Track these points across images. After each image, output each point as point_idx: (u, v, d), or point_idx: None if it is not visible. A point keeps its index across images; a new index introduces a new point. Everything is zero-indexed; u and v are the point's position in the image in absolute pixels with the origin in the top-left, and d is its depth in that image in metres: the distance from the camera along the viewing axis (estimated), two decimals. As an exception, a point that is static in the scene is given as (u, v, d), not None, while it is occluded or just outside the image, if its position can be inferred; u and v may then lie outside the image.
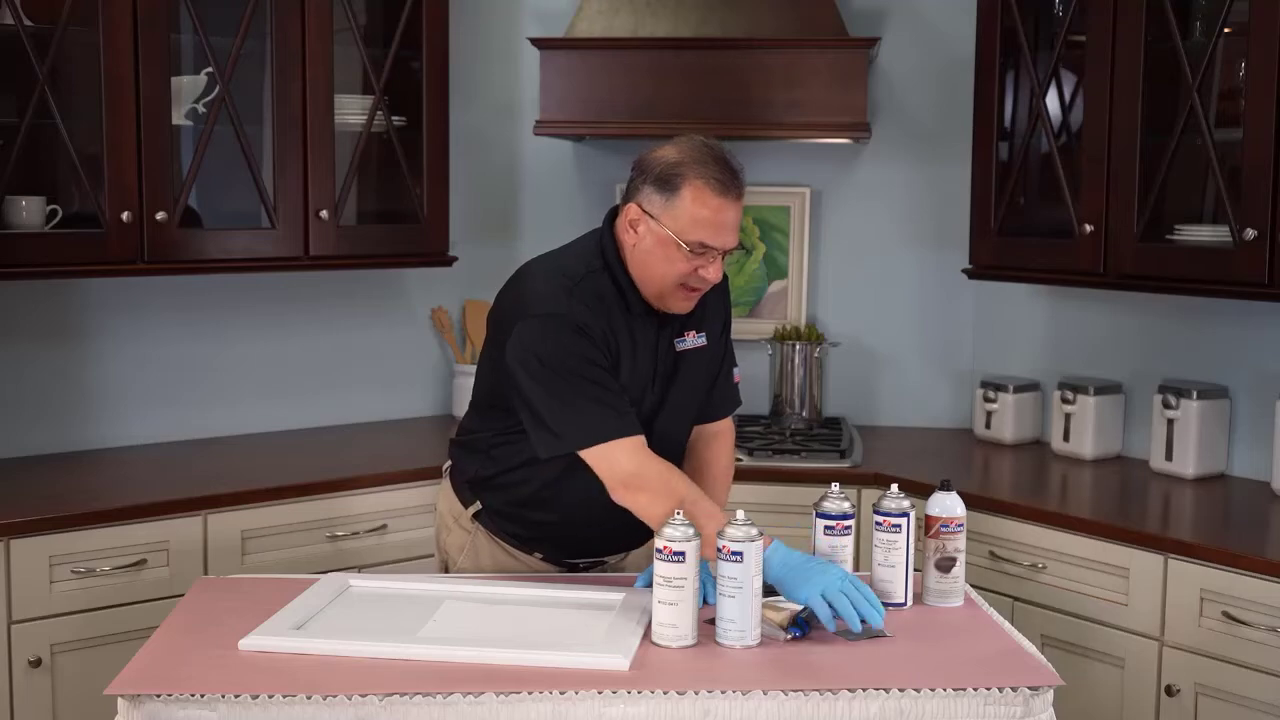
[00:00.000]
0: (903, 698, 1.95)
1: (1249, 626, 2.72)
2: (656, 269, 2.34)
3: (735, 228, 2.33)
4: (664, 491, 2.26)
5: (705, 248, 2.30)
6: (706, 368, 2.51)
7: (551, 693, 1.92)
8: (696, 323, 2.47)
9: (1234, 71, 3.11)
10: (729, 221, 2.30)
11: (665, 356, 2.43)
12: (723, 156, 2.32)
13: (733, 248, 2.33)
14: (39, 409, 3.45)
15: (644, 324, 2.40)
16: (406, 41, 3.61)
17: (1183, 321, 3.50)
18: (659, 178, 2.31)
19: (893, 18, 3.98)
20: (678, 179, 2.29)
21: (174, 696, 1.91)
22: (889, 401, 4.07)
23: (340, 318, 3.95)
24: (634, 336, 2.38)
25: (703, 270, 2.32)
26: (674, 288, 2.34)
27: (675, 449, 2.50)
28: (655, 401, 2.42)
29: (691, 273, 2.32)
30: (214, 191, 3.49)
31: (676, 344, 2.44)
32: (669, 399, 2.44)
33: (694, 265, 2.31)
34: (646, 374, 2.40)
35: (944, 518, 2.36)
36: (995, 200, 3.55)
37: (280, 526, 3.20)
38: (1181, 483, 3.35)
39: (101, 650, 2.91)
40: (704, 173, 2.28)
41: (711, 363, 2.52)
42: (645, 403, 2.40)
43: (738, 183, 2.31)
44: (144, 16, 3.16)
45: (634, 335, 2.38)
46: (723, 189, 2.29)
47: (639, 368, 2.39)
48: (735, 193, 2.30)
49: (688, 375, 2.46)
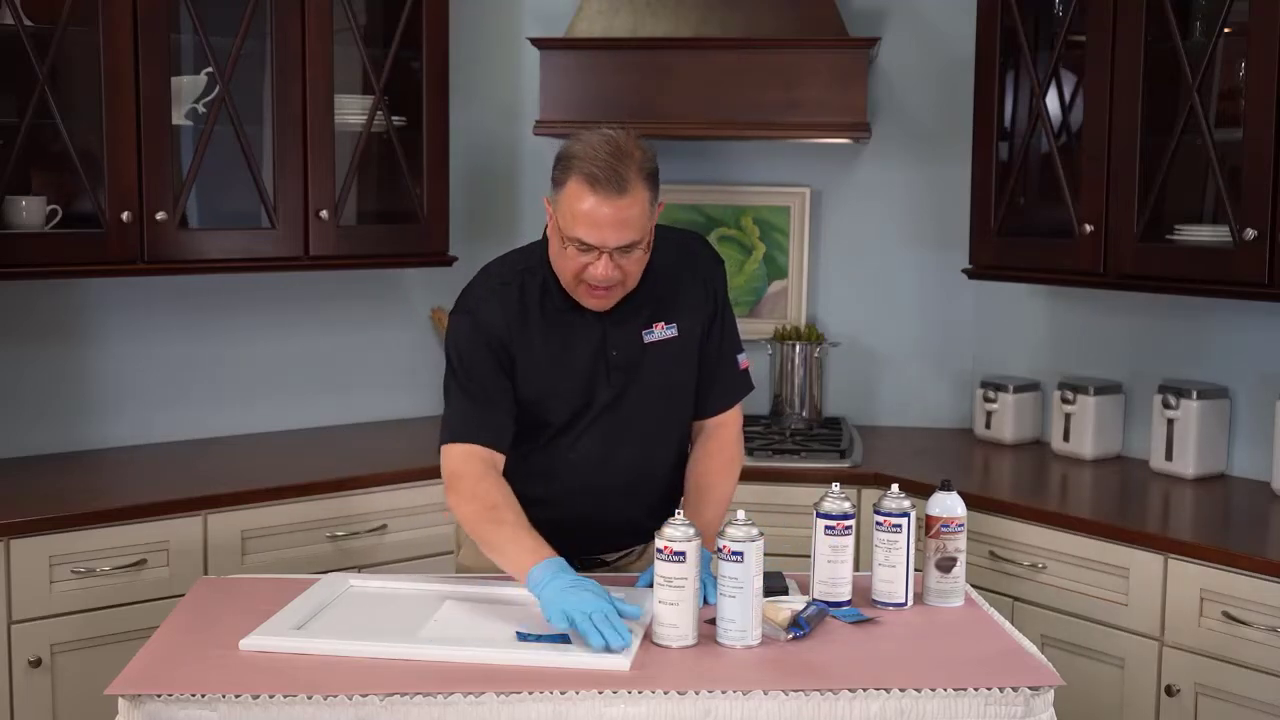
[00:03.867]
0: (903, 698, 1.95)
1: (1249, 626, 2.72)
2: (557, 262, 2.34)
3: (618, 226, 2.23)
4: (469, 495, 2.32)
5: (584, 245, 2.25)
6: (679, 359, 2.48)
7: (551, 693, 1.92)
8: (666, 313, 2.44)
9: (1234, 71, 3.11)
10: (605, 220, 2.22)
11: (626, 349, 2.41)
12: (614, 153, 2.22)
13: (616, 246, 2.25)
14: (39, 409, 3.45)
15: (583, 320, 2.39)
16: (406, 41, 3.61)
17: (1183, 321, 3.50)
18: (555, 170, 2.29)
19: (893, 18, 3.98)
20: (565, 173, 2.26)
21: (174, 696, 1.91)
22: (889, 401, 4.07)
23: (340, 318, 3.95)
24: (565, 335, 2.38)
25: (590, 268, 2.27)
26: (574, 283, 2.32)
27: (656, 439, 2.49)
28: (614, 394, 2.42)
29: (581, 269, 2.28)
30: (214, 191, 3.49)
31: (645, 335, 2.43)
32: (631, 391, 2.43)
33: (581, 262, 2.28)
34: (588, 369, 2.40)
35: (944, 518, 2.36)
36: (995, 200, 3.55)
37: (280, 526, 3.20)
38: (1181, 483, 3.35)
39: (101, 650, 2.91)
40: (584, 169, 2.22)
41: (685, 354, 2.48)
42: (599, 396, 2.41)
43: (618, 181, 2.21)
44: (144, 16, 3.16)
45: (566, 334, 2.38)
46: (595, 186, 2.21)
47: (575, 365, 2.39)
48: (612, 191, 2.20)
49: (657, 366, 2.45)
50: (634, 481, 2.49)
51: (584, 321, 2.40)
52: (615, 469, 2.46)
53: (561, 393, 2.41)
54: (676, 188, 4.00)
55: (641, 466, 2.50)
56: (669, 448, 2.53)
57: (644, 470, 2.50)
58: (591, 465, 2.46)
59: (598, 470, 2.46)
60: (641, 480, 2.51)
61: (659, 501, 2.52)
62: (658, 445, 2.51)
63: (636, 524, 2.51)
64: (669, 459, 2.54)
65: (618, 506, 2.50)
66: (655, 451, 2.51)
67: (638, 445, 2.47)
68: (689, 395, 2.53)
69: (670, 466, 2.54)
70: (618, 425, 2.44)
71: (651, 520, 2.50)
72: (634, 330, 2.43)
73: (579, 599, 2.11)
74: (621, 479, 2.47)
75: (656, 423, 2.49)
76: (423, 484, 3.34)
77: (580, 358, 2.40)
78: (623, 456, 2.46)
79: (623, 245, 2.26)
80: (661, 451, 2.52)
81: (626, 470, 2.47)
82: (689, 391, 2.52)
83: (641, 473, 2.50)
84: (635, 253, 2.29)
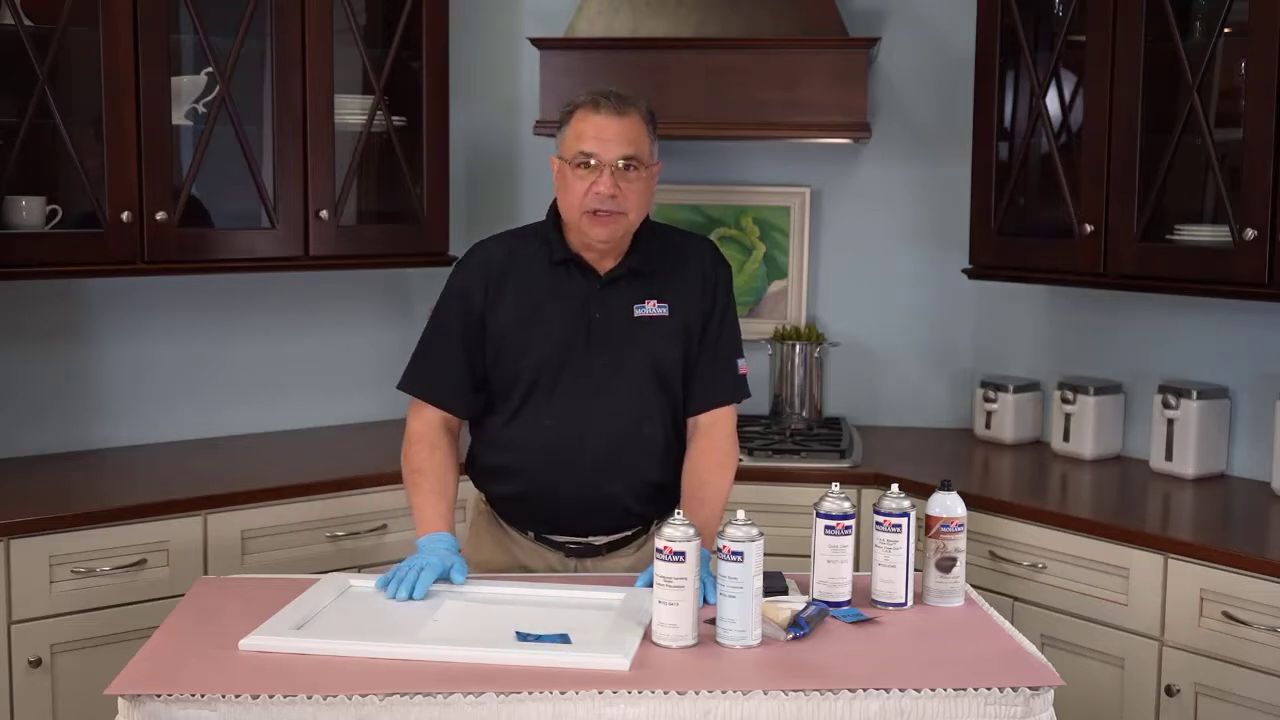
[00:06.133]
0: (903, 698, 1.95)
1: (1249, 626, 2.72)
2: (564, 200, 2.47)
3: (620, 139, 2.41)
4: (404, 456, 2.56)
5: (586, 157, 2.41)
6: (668, 340, 2.52)
7: (551, 693, 1.92)
8: (658, 292, 2.52)
9: (1234, 71, 3.11)
10: (610, 132, 2.41)
11: (612, 317, 2.50)
12: (616, 90, 2.45)
13: (618, 157, 2.40)
14: (39, 409, 3.45)
15: (571, 281, 2.51)
16: (406, 41, 3.61)
17: (1183, 321, 3.50)
18: (560, 116, 2.50)
19: (893, 18, 3.98)
20: (569, 110, 2.47)
21: (174, 696, 1.91)
22: (889, 401, 4.07)
23: (340, 318, 3.95)
24: (551, 290, 2.51)
25: (595, 186, 2.40)
26: (579, 215, 2.44)
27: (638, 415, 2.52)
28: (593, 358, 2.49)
29: (586, 192, 2.41)
30: (214, 191, 3.49)
31: (635, 309, 2.51)
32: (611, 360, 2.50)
33: (586, 183, 2.41)
34: (569, 327, 2.49)
35: (944, 518, 2.36)
36: (995, 200, 3.55)
37: (280, 526, 3.20)
38: (1181, 483, 3.35)
39: (101, 650, 2.92)
40: (584, 99, 2.45)
41: (674, 336, 2.53)
42: (575, 356, 2.49)
43: (621, 102, 2.43)
44: (144, 16, 3.16)
45: (551, 289, 2.51)
46: (599, 105, 2.42)
47: (555, 319, 2.50)
48: (613, 108, 2.42)
49: (644, 342, 2.51)
50: (615, 458, 2.51)
51: (573, 281, 2.50)
52: (593, 441, 2.50)
53: (537, 342, 2.50)
54: (676, 188, 4.00)
55: (620, 441, 2.51)
56: (654, 430, 2.54)
57: (623, 445, 2.52)
58: (569, 434, 2.49)
59: (576, 440, 2.50)
60: (620, 456, 2.52)
61: (649, 489, 2.55)
62: (641, 423, 2.53)
63: (620, 505, 2.54)
64: (655, 443, 2.55)
65: (598, 483, 2.52)
66: (639, 429, 2.52)
67: (617, 419, 2.50)
68: (676, 379, 2.55)
69: (657, 452, 2.55)
70: (595, 391, 2.49)
71: (641, 505, 2.54)
72: (624, 301, 2.50)
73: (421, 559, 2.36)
74: (601, 453, 2.50)
75: (639, 399, 2.52)
76: (423, 484, 3.34)
77: (562, 313, 2.50)
78: (601, 428, 2.50)
79: (624, 157, 2.41)
80: (646, 430, 2.54)
81: (606, 444, 2.50)
82: (676, 376, 2.55)
83: (620, 447, 2.52)
84: (635, 175, 2.43)
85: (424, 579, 2.31)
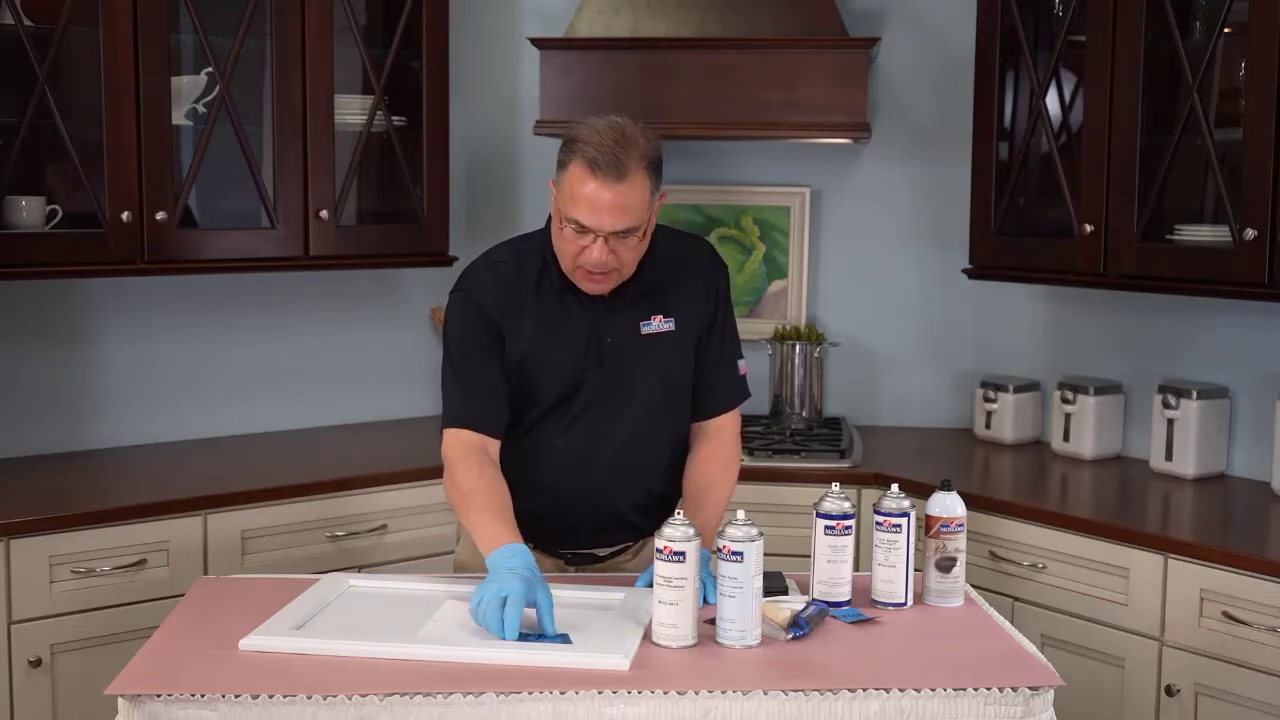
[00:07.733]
0: (903, 698, 1.95)
1: (1249, 626, 2.72)
2: (557, 244, 2.38)
3: (615, 211, 2.26)
4: (452, 481, 2.39)
5: (582, 227, 2.29)
6: (676, 353, 2.50)
7: (551, 693, 1.92)
8: (663, 307, 2.47)
9: (1234, 71, 3.11)
10: (604, 204, 2.26)
11: (622, 337, 2.44)
12: (618, 140, 2.26)
13: (612, 231, 2.28)
14: (39, 409, 3.45)
15: (579, 304, 2.42)
16: (406, 41, 3.61)
17: (1183, 321, 3.50)
18: (560, 152, 2.32)
19: (893, 18, 3.98)
20: (568, 155, 2.30)
21: (174, 696, 1.91)
22: (889, 401, 4.07)
23: (340, 318, 3.95)
24: (559, 315, 2.42)
25: (586, 251, 2.31)
26: (572, 266, 2.35)
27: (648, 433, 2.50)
28: (606, 380, 2.44)
29: (578, 252, 2.32)
30: (214, 191, 3.49)
31: (643, 327, 2.46)
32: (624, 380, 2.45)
33: (578, 244, 2.31)
34: (580, 351, 2.43)
35: (944, 518, 2.36)
36: (995, 200, 3.55)
37: (280, 526, 3.20)
38: (1181, 483, 3.35)
39: (101, 650, 2.92)
40: (587, 153, 2.26)
41: (682, 349, 2.50)
42: (589, 380, 2.43)
43: (619, 167, 2.24)
44: (144, 16, 3.16)
45: (560, 314, 2.42)
46: (596, 170, 2.25)
47: (567, 345, 2.42)
48: (612, 176, 2.24)
49: (653, 359, 2.47)
50: (623, 476, 2.50)
51: (580, 305, 2.43)
52: (603, 461, 2.47)
53: (550, 371, 2.43)
54: (676, 188, 4.00)
55: (631, 460, 2.50)
56: (661, 444, 2.53)
57: (634, 465, 2.51)
58: (579, 455, 2.47)
59: (586, 461, 2.47)
60: (631, 475, 2.51)
61: (652, 501, 2.53)
62: (649, 440, 2.51)
63: (624, 520, 2.53)
64: (662, 458, 2.53)
65: (605, 501, 2.51)
66: (646, 445, 2.51)
67: (628, 438, 2.48)
68: (685, 393, 2.53)
69: (663, 466, 2.54)
70: (608, 414, 2.46)
71: (644, 519, 2.52)
72: (632, 320, 2.45)
73: (500, 583, 2.13)
74: (609, 472, 2.48)
75: (648, 416, 2.50)
76: (423, 484, 3.35)
77: (573, 339, 2.43)
78: (611, 448, 2.47)
79: (619, 230, 2.29)
80: (654, 446, 2.52)
81: (615, 463, 2.48)
82: (685, 389, 2.53)
83: (631, 467, 2.50)
84: (631, 239, 2.32)
85: (510, 617, 2.09)
